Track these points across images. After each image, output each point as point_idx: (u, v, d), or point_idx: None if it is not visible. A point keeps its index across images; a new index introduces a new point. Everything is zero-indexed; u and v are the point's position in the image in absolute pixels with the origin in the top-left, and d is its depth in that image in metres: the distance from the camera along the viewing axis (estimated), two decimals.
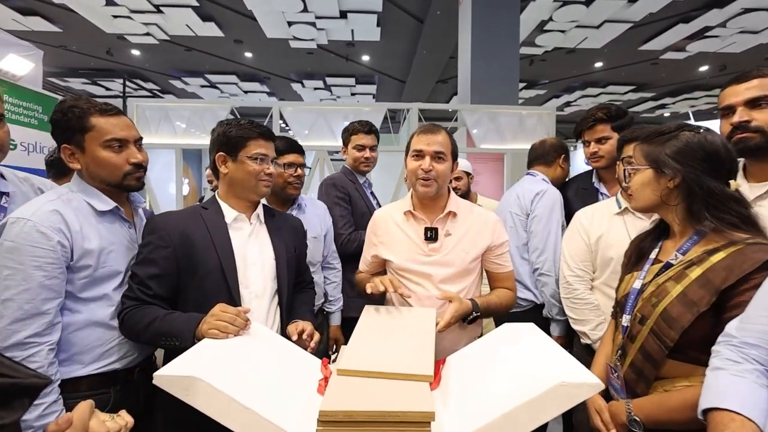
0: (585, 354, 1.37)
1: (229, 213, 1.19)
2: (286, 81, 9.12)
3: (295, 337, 1.09)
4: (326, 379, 0.88)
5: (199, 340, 0.95)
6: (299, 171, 1.71)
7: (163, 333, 1.01)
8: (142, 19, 6.12)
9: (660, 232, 1.05)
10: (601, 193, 1.71)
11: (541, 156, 1.93)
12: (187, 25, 6.33)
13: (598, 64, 8.06)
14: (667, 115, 11.86)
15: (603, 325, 1.34)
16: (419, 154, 1.24)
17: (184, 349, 0.87)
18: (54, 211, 1.00)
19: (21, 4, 5.75)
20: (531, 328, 1.01)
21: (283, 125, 4.08)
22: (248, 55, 7.68)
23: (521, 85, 8.72)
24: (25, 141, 2.52)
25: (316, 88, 9.55)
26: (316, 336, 1.13)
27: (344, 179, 2.01)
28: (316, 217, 1.79)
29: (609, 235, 1.37)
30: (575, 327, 1.44)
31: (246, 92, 9.85)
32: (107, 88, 9.45)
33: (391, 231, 1.33)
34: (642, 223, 1.31)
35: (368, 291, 1.15)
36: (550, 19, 5.98)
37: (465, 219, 1.29)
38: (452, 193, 1.33)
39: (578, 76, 8.76)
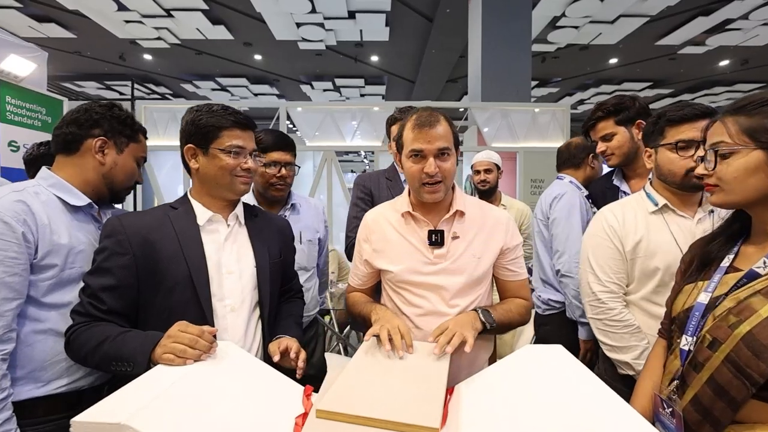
0: (614, 379, 1.13)
1: (202, 213, 1.03)
2: (296, 83, 9.13)
3: (276, 357, 0.93)
4: (305, 416, 0.75)
5: (156, 365, 0.81)
6: (284, 171, 1.49)
7: (113, 356, 0.84)
8: (154, 24, 6.19)
9: (734, 234, 0.84)
10: (623, 192, 1.57)
11: (568, 159, 1.89)
12: (197, 29, 6.38)
13: (613, 61, 7.85)
14: None
15: (648, 352, 1.09)
16: (419, 155, 1.02)
17: (138, 376, 0.74)
18: (20, 201, 0.91)
19: (37, 12, 5.87)
20: (560, 352, 0.83)
21: (291, 126, 4.06)
22: (257, 57, 7.71)
23: (533, 83, 8.56)
24: (28, 143, 2.49)
25: (325, 90, 9.55)
26: (303, 355, 0.97)
27: (374, 178, 1.75)
28: (312, 219, 1.66)
29: (650, 240, 1.12)
30: (612, 356, 1.16)
31: (256, 95, 9.91)
32: (121, 93, 9.62)
33: (387, 236, 1.13)
34: (687, 223, 1.11)
35: (369, 337, 0.95)
36: (563, 14, 5.83)
37: (474, 218, 1.11)
38: (457, 188, 1.14)
39: (592, 74, 8.56)
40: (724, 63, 7.95)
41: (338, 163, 3.89)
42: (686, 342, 0.79)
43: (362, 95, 10.01)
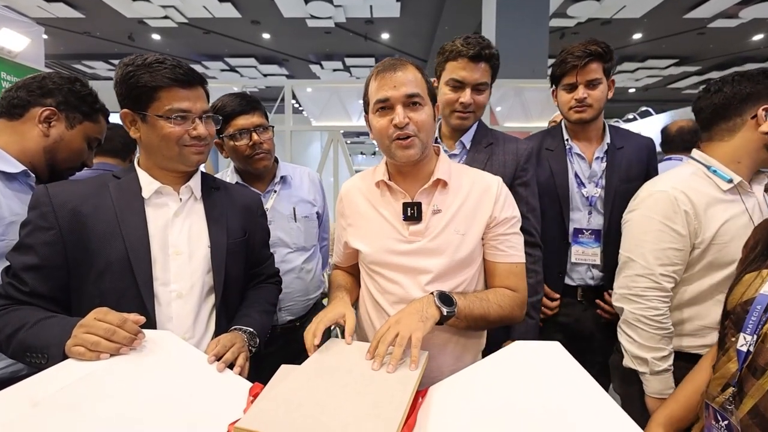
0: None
1: (148, 184, 0.88)
2: (305, 63, 8.97)
3: (211, 361, 0.77)
4: None
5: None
6: (255, 137, 1.27)
7: (27, 346, 0.73)
8: (160, 2, 6.10)
9: None
10: (576, 154, 1.38)
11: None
12: (204, 7, 6.26)
13: (637, 36, 7.44)
14: None
15: (671, 357, 1.01)
16: (386, 105, 0.86)
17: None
18: None
19: None
20: (555, 349, 0.71)
21: (297, 105, 3.97)
22: (266, 36, 7.57)
23: (550, 61, 8.21)
24: None
25: (335, 70, 9.37)
26: (240, 359, 0.82)
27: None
28: (306, 192, 1.50)
29: (729, 228, 0.95)
30: (630, 348, 1.04)
31: (265, 75, 9.80)
32: None
33: (360, 209, 0.98)
34: (756, 199, 0.97)
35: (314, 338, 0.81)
36: None
37: (459, 188, 0.94)
38: (442, 153, 0.98)
39: (614, 50, 8.14)
40: (758, 37, 7.45)
41: (345, 144, 3.80)
42: (744, 341, 0.67)
43: None
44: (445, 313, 0.80)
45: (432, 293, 0.83)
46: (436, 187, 0.93)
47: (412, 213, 0.91)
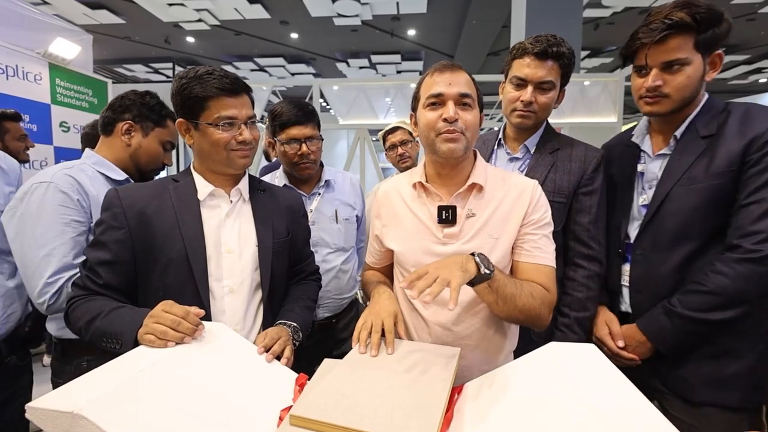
0: None
1: (203, 187, 0.96)
2: (331, 61, 9.07)
3: (260, 352, 0.84)
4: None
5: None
6: (304, 147, 1.36)
7: (103, 333, 0.81)
8: (194, 5, 6.33)
9: None
10: (644, 152, 1.13)
11: None
12: (235, 9, 6.46)
13: None
14: (763, 81, 10.19)
15: None
16: (438, 100, 0.88)
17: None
18: (71, 176, 1.08)
19: None
20: (590, 352, 0.70)
21: (324, 104, 4.03)
22: (294, 36, 7.71)
23: (584, 53, 7.90)
24: (77, 123, 2.71)
25: (361, 67, 9.42)
26: (287, 351, 0.88)
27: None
28: (348, 195, 1.57)
29: None
30: None
31: (293, 74, 9.98)
32: (168, 76, 10.06)
33: (396, 211, 1.00)
34: None
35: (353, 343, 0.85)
36: None
37: (495, 192, 0.94)
38: (479, 158, 0.98)
39: None
40: None
41: (371, 142, 3.83)
42: None
43: (399, 72, 9.77)
44: (482, 272, 0.77)
45: (472, 253, 0.81)
46: (471, 191, 0.94)
47: (447, 216, 0.92)
